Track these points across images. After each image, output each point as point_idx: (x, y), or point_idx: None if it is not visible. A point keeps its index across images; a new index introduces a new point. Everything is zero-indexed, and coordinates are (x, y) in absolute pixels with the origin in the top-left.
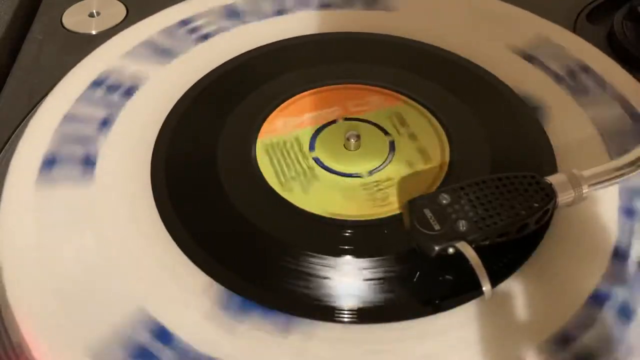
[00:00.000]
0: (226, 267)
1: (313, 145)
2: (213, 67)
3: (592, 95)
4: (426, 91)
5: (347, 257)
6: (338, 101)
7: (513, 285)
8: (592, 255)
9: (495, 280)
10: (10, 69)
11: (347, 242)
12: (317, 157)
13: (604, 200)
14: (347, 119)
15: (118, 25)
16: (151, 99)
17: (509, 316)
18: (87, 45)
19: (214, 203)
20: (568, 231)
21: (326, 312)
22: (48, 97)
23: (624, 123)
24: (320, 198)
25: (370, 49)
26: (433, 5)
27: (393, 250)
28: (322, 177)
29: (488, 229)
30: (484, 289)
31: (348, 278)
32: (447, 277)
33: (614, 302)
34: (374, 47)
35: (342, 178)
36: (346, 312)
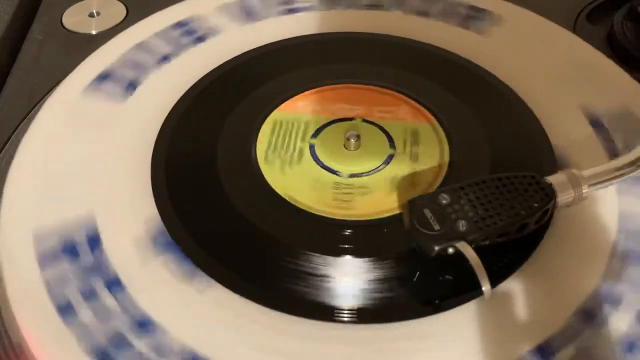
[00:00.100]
0: (226, 267)
1: (317, 133)
2: (213, 67)
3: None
4: (426, 91)
5: (347, 257)
6: (365, 101)
7: (513, 285)
8: (592, 255)
9: (495, 280)
10: (10, 69)
11: (348, 242)
12: (313, 145)
13: (604, 200)
14: (365, 121)
15: (118, 25)
16: (151, 99)
17: (509, 316)
18: (87, 45)
19: (214, 203)
20: (568, 231)
21: (326, 312)
22: (49, 98)
23: (624, 123)
24: (290, 180)
25: (372, 50)
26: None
27: (393, 250)
28: (305, 163)
29: (488, 229)
30: (484, 289)
31: (348, 278)
32: (447, 277)
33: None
34: (376, 48)
35: (322, 170)
36: (346, 312)
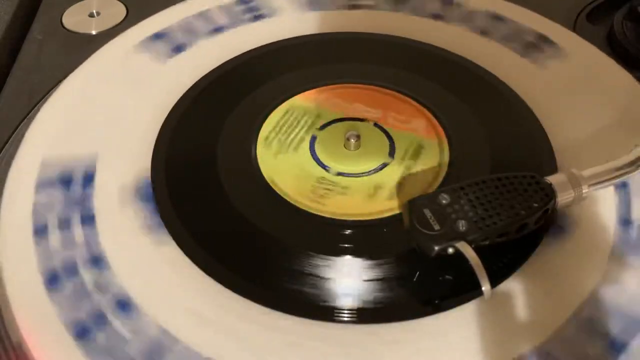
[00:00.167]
0: (226, 267)
1: (324, 127)
2: (213, 67)
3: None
4: (426, 91)
5: (347, 257)
6: (383, 105)
7: (513, 285)
8: (592, 255)
9: (495, 280)
10: (10, 69)
11: (348, 242)
12: (315, 137)
13: (604, 200)
14: (375, 125)
15: (118, 25)
16: (151, 99)
17: (509, 316)
18: (87, 45)
19: (214, 203)
20: (568, 231)
21: (326, 312)
22: (45, 104)
23: (624, 123)
24: (279, 165)
25: (373, 50)
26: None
27: (393, 250)
28: (300, 152)
29: (488, 229)
30: (484, 289)
31: (348, 278)
32: (447, 277)
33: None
34: (377, 48)
35: (313, 163)
36: (346, 312)
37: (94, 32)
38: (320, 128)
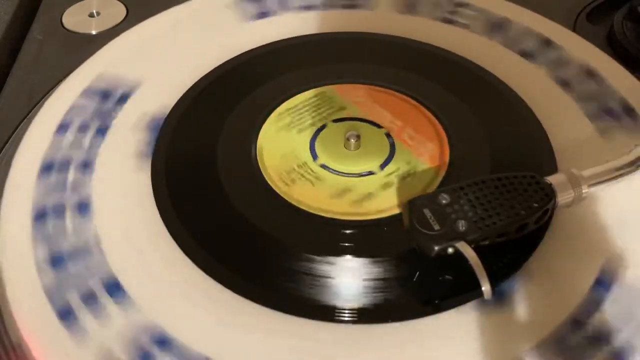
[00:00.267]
0: (226, 267)
1: (339, 121)
2: (213, 67)
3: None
4: (426, 91)
5: (347, 257)
6: (406, 118)
7: (513, 285)
8: (592, 255)
9: (495, 280)
10: (10, 69)
11: (348, 242)
12: (324, 126)
13: (604, 200)
14: (386, 135)
15: (118, 25)
16: (151, 99)
17: (509, 316)
18: (87, 45)
19: (214, 203)
20: (568, 231)
21: (326, 312)
22: (47, 101)
23: (624, 123)
24: (274, 139)
25: (373, 50)
26: None
27: (393, 250)
28: (301, 135)
29: (487, 229)
30: (484, 289)
31: (348, 278)
32: (447, 277)
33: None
34: (377, 48)
35: (306, 148)
36: (346, 312)
37: (94, 32)
38: (334, 120)
